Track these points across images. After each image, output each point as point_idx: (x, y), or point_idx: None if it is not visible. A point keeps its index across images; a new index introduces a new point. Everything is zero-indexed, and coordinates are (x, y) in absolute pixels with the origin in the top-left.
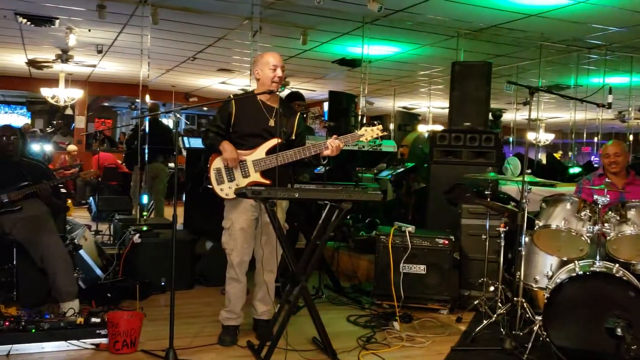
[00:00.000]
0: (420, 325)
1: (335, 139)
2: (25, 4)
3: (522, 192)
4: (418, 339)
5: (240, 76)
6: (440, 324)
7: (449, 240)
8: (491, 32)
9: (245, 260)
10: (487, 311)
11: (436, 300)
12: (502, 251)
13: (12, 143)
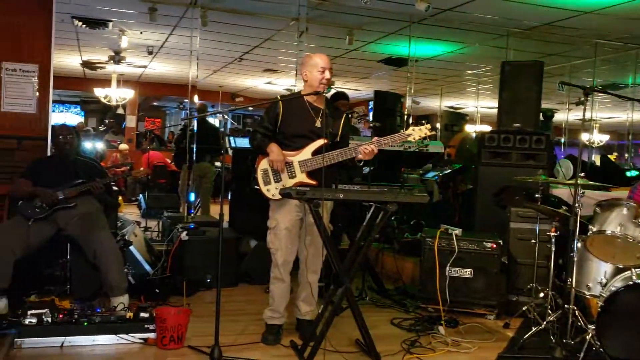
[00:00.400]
0: (466, 331)
1: (368, 145)
2: (81, 7)
3: (574, 195)
4: (464, 344)
5: (285, 76)
6: (487, 330)
7: (497, 244)
8: (543, 30)
9: (290, 260)
10: (537, 318)
11: (483, 305)
12: (552, 256)
13: (69, 142)
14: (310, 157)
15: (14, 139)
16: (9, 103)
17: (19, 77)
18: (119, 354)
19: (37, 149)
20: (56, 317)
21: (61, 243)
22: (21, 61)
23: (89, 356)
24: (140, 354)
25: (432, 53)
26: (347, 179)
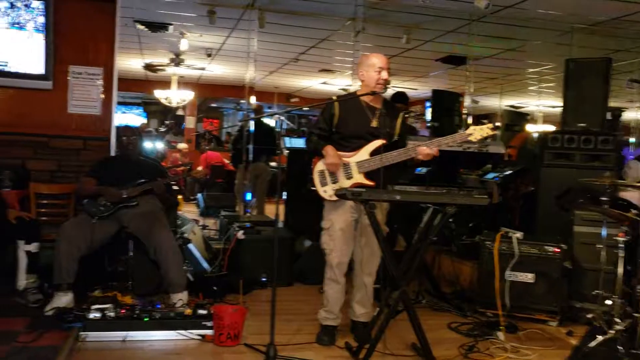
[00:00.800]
0: (527, 337)
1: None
2: (143, 12)
3: None
4: (524, 350)
5: (341, 76)
6: (549, 337)
7: (561, 249)
8: (609, 25)
9: (344, 262)
10: (603, 326)
11: (544, 311)
12: (620, 262)
13: (132, 142)
14: (367, 158)
15: (80, 140)
16: (75, 105)
17: (84, 79)
18: (177, 349)
19: (102, 149)
20: (118, 312)
21: (124, 240)
22: (87, 64)
23: (149, 351)
24: (198, 351)
25: (492, 51)
26: None
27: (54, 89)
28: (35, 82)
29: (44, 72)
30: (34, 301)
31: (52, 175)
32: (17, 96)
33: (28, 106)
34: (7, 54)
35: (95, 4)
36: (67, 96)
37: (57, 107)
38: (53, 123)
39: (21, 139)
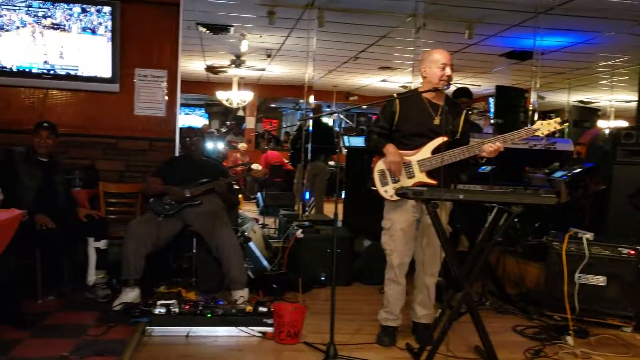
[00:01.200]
0: (598, 342)
1: (492, 142)
2: (205, 14)
3: None
4: (595, 357)
5: (401, 74)
6: (622, 343)
7: (636, 250)
8: None
9: (405, 262)
10: None
11: (617, 315)
12: None
13: (195, 143)
14: (429, 156)
15: (146, 141)
16: (141, 107)
17: (149, 82)
18: (239, 346)
19: (166, 150)
20: (182, 308)
21: (187, 238)
22: (152, 67)
23: (212, 347)
24: (259, 347)
25: (560, 44)
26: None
27: (121, 91)
28: (104, 85)
29: (111, 76)
30: (103, 296)
31: (120, 175)
32: (87, 99)
33: (97, 109)
34: (78, 59)
35: (159, 8)
36: (133, 98)
37: (124, 110)
38: (121, 125)
39: (91, 140)
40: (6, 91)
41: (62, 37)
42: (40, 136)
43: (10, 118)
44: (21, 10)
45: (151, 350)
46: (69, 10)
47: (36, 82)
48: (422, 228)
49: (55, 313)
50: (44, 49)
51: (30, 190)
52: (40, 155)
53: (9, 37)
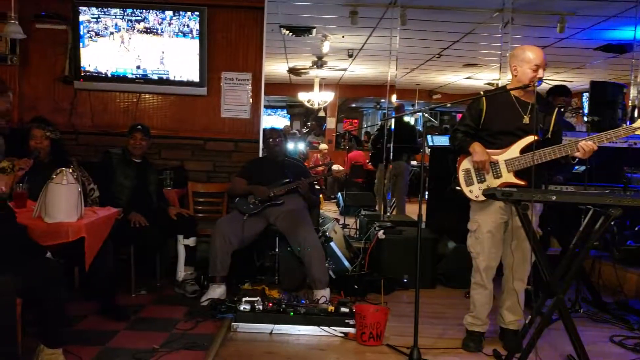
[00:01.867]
0: None
1: (587, 141)
2: (287, 17)
3: None
4: None
5: (487, 70)
6: None
7: None
8: None
9: (493, 266)
10: None
11: None
12: None
13: (278, 144)
14: (518, 156)
15: (232, 142)
16: (227, 109)
17: (235, 85)
18: (321, 345)
19: (251, 151)
20: (266, 306)
21: (271, 237)
22: (237, 70)
23: (295, 345)
24: (341, 348)
25: None
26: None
27: (209, 94)
28: (192, 89)
29: (199, 79)
30: (192, 292)
31: (208, 175)
32: (177, 102)
33: (186, 112)
34: (169, 63)
35: (244, 12)
36: (220, 101)
37: (212, 112)
38: (208, 127)
39: (181, 142)
40: (102, 95)
41: (154, 42)
42: (135, 138)
43: (107, 121)
44: (117, 17)
45: (236, 346)
46: (160, 15)
47: (130, 86)
48: (510, 230)
49: (147, 307)
50: (137, 55)
51: (125, 190)
52: (135, 157)
53: (104, 43)
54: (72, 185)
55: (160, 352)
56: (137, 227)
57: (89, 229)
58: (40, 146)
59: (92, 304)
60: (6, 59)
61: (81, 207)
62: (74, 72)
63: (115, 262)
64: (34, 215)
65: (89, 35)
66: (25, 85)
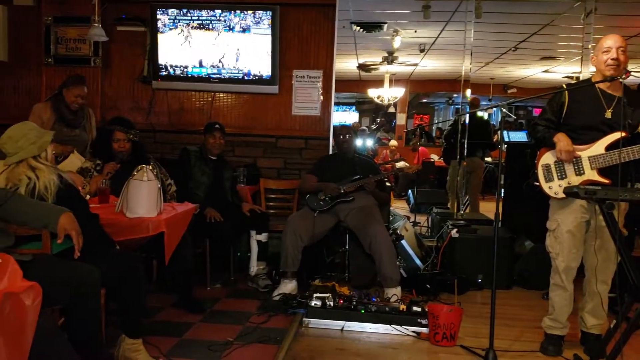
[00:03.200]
0: None
1: None
2: (359, 13)
3: None
4: None
5: (566, 63)
6: None
7: None
8: None
9: (573, 267)
10: None
11: None
12: None
13: (347, 141)
14: (603, 152)
15: (302, 139)
16: (298, 107)
17: (306, 83)
18: (393, 344)
19: (321, 148)
20: (337, 302)
21: (341, 233)
22: (308, 68)
23: (366, 342)
24: (413, 347)
25: None
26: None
27: (280, 92)
28: (265, 87)
29: (271, 78)
30: (264, 286)
31: (279, 172)
32: (250, 101)
33: (258, 110)
34: (242, 62)
35: (316, 10)
36: (291, 99)
37: (283, 110)
38: (280, 125)
39: (254, 140)
40: (179, 95)
41: (227, 42)
42: (215, 137)
43: (183, 119)
44: (192, 18)
45: (308, 341)
46: (234, 15)
47: (205, 85)
48: (593, 230)
49: (222, 300)
50: (211, 54)
51: (202, 186)
52: (212, 154)
53: (180, 44)
54: (152, 182)
55: (234, 345)
56: (212, 222)
57: (169, 224)
58: (123, 149)
59: (170, 296)
60: (89, 61)
61: (161, 203)
62: (152, 73)
63: (192, 256)
64: (116, 210)
65: (165, 36)
66: (107, 85)
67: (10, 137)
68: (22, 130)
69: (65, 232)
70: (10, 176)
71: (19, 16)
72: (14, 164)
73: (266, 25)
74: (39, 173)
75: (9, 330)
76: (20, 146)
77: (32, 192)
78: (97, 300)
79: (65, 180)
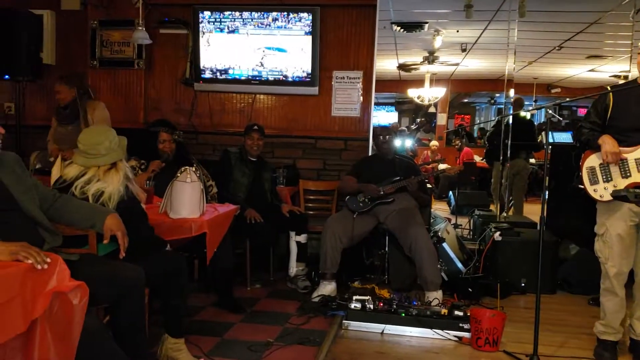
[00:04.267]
0: None
1: None
2: (399, 13)
3: None
4: None
5: (613, 62)
6: None
7: None
8: None
9: (624, 272)
10: None
11: None
12: None
13: (387, 142)
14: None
15: (342, 140)
16: (338, 108)
17: (346, 83)
18: (434, 348)
19: (361, 149)
20: (377, 305)
21: (380, 235)
22: (348, 69)
23: (406, 346)
24: (455, 352)
25: None
26: None
27: (320, 94)
28: (305, 89)
29: (311, 79)
30: (303, 287)
31: (318, 173)
32: (290, 102)
33: (298, 111)
34: (282, 64)
35: (356, 10)
36: (331, 100)
37: (323, 111)
38: (319, 126)
39: (293, 141)
40: (220, 96)
41: (269, 44)
42: (253, 138)
43: (224, 121)
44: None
45: (348, 344)
46: (275, 17)
47: (246, 87)
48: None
49: (262, 300)
50: (253, 56)
51: (242, 187)
52: (252, 155)
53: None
54: (196, 184)
55: (274, 346)
56: (253, 223)
57: (211, 225)
58: (168, 149)
59: (211, 296)
60: (133, 64)
61: (203, 204)
62: (194, 75)
63: (233, 256)
64: (160, 211)
65: (208, 38)
66: (150, 87)
67: (99, 141)
68: (110, 133)
69: (111, 232)
70: (105, 178)
71: (66, 20)
72: (109, 165)
73: (307, 26)
74: (110, 179)
75: (57, 329)
76: (112, 148)
77: (97, 198)
78: (141, 300)
79: (130, 192)
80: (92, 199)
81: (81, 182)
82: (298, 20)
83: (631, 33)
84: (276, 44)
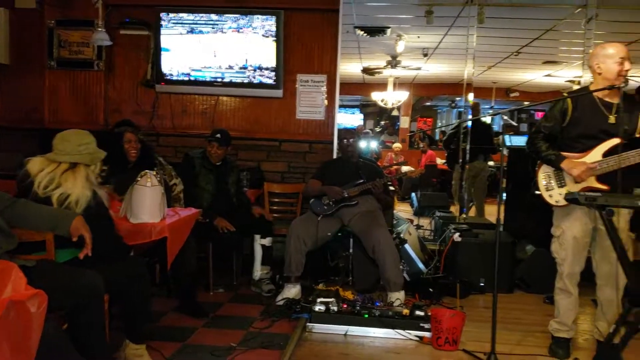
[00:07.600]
0: None
1: None
2: (362, 17)
3: None
4: None
5: (568, 67)
6: None
7: None
8: None
9: (577, 271)
10: None
11: None
12: None
13: (351, 145)
14: (600, 159)
15: (306, 143)
16: (302, 111)
17: (310, 87)
18: (396, 348)
19: (325, 152)
20: (341, 307)
21: (344, 237)
22: (312, 72)
23: (369, 347)
24: (416, 352)
25: None
26: None
27: (284, 97)
28: (269, 91)
29: (275, 82)
30: (267, 290)
31: (283, 176)
32: (254, 105)
33: (262, 114)
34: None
35: (320, 14)
36: (295, 103)
37: (287, 114)
38: (283, 128)
39: (258, 143)
40: (182, 98)
41: (231, 46)
42: (212, 146)
43: (187, 123)
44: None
45: (312, 346)
46: (237, 20)
47: (209, 89)
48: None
49: (225, 304)
50: (214, 59)
51: (207, 194)
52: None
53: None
54: (156, 188)
55: (237, 350)
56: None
57: (171, 229)
58: (134, 149)
59: (172, 301)
60: (93, 65)
61: (164, 208)
62: (156, 76)
63: (195, 260)
64: (120, 215)
65: (169, 40)
66: (110, 89)
67: (70, 140)
68: (87, 138)
69: (78, 232)
70: (59, 178)
71: (21, 19)
72: (69, 164)
73: (270, 29)
74: (76, 184)
75: (14, 337)
76: (79, 151)
77: (62, 201)
78: (100, 306)
79: (98, 198)
80: (57, 203)
81: (40, 177)
82: (262, 23)
83: (583, 40)
84: (240, 47)
